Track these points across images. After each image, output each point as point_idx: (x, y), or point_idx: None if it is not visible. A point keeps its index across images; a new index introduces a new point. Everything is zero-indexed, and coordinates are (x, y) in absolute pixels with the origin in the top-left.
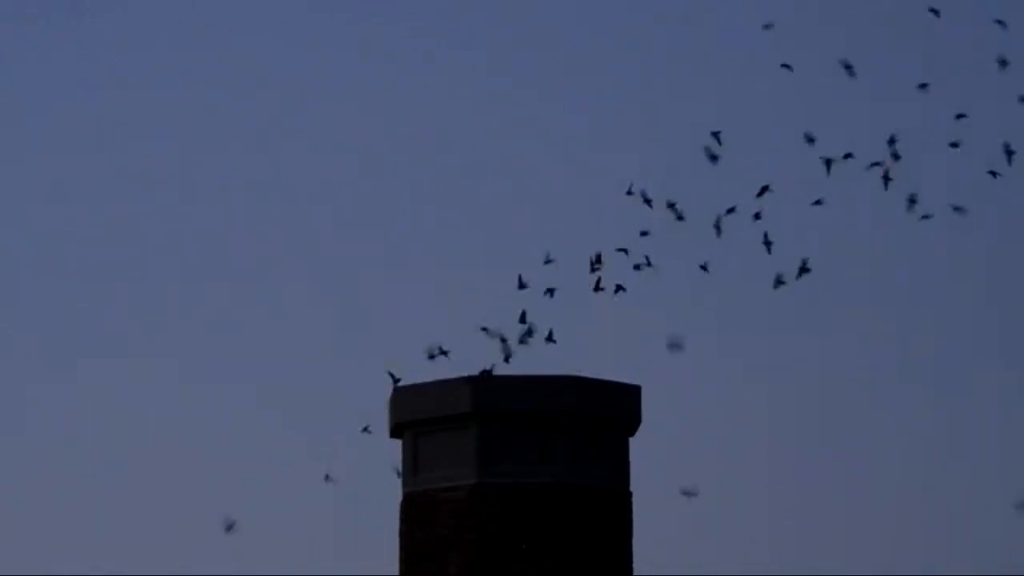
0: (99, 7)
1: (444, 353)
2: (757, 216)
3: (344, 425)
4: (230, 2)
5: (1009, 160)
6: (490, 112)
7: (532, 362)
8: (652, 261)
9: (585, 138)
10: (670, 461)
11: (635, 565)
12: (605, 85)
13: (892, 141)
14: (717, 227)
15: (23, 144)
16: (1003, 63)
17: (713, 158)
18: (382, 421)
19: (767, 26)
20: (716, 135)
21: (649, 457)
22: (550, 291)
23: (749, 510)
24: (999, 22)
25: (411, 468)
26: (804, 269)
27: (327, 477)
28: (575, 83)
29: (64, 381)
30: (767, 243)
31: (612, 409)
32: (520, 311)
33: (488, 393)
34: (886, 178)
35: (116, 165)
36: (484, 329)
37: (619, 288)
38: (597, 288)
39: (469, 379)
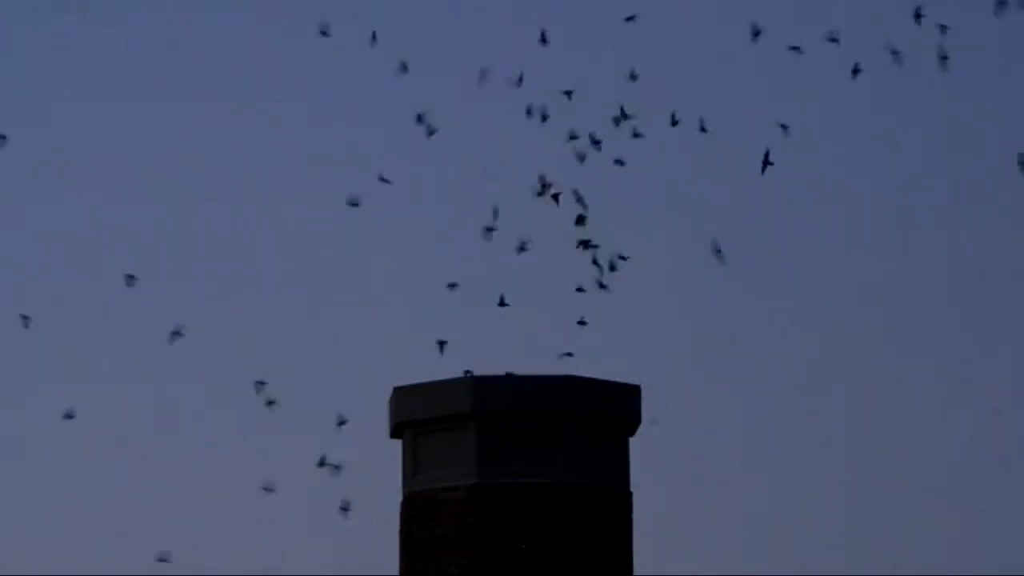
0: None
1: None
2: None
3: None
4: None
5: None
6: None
7: (532, 362)
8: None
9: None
10: (670, 461)
11: (635, 565)
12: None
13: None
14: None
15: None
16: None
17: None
18: (382, 421)
19: None
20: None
21: (649, 457)
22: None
23: (749, 510)
24: None
25: (411, 468)
26: (767, 161)
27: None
28: None
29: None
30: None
31: (612, 409)
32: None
33: (488, 393)
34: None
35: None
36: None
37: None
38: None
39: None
